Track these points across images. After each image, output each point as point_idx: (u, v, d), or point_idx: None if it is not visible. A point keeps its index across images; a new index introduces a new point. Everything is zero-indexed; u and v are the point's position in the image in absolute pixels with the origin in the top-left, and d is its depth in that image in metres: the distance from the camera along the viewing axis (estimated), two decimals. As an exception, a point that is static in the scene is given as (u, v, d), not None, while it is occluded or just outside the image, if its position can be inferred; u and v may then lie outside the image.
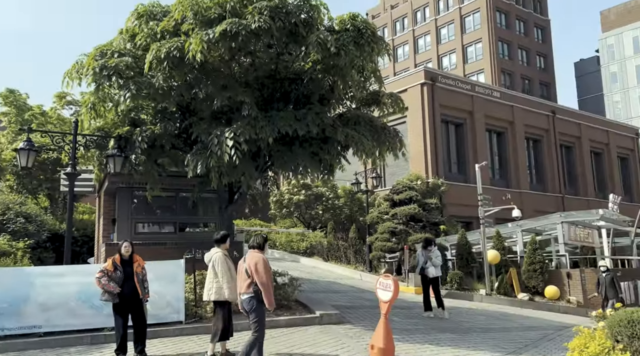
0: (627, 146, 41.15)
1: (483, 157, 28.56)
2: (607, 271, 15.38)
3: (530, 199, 30.80)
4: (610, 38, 60.82)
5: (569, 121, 36.24)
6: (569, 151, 36.79)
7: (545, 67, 60.59)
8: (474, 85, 31.52)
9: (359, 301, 13.85)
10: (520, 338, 10.49)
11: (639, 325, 4.43)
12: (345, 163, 11.33)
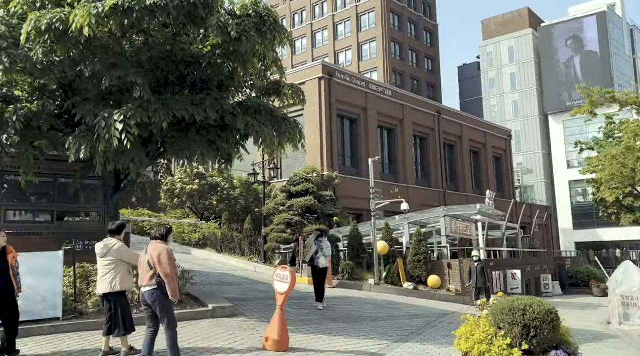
0: (501, 147, 44.95)
1: (375, 152, 29.61)
2: (478, 261, 16.45)
3: (416, 193, 32.51)
4: (490, 46, 65.93)
5: (452, 121, 38.75)
6: (452, 149, 39.36)
7: (433, 69, 64.25)
8: (368, 82, 32.52)
9: (253, 293, 13.70)
10: (407, 326, 11.00)
11: (519, 313, 4.77)
12: (244, 153, 11.07)
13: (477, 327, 5.07)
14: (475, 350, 4.85)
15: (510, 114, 62.02)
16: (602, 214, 34.37)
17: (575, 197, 55.48)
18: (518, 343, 4.71)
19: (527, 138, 60.25)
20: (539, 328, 4.70)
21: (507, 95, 63.07)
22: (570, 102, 56.41)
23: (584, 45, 58.43)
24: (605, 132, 32.26)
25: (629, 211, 31.38)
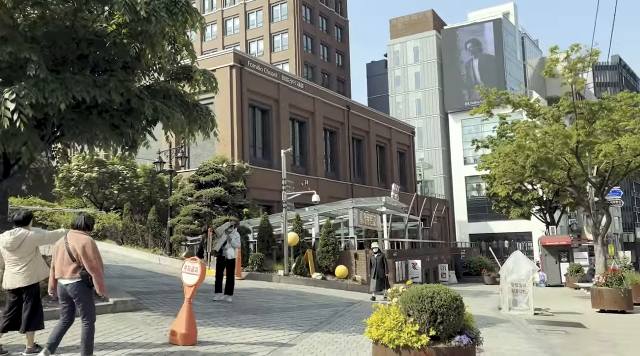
0: (405, 143, 46.84)
1: (286, 145, 29.62)
2: (378, 253, 16.48)
3: (325, 186, 32.98)
4: (397, 45, 68.33)
5: (361, 117, 39.73)
6: (360, 144, 40.38)
7: (343, 64, 65.45)
8: (280, 74, 32.40)
9: (158, 286, 13.17)
10: (316, 316, 11.12)
11: (427, 300, 4.95)
12: (150, 140, 10.55)
13: (388, 315, 5.20)
14: (386, 337, 4.97)
15: (414, 112, 64.76)
16: (494, 208, 36.96)
17: (471, 192, 59.23)
18: (426, 329, 4.89)
19: (428, 135, 63.28)
20: (445, 315, 4.90)
21: (412, 94, 65.77)
22: (469, 103, 59.94)
23: (482, 49, 62.29)
24: (499, 131, 34.64)
25: (518, 205, 34.04)
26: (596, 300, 14.21)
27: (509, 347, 8.07)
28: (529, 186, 32.02)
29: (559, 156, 19.43)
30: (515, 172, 20.79)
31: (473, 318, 5.29)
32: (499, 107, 20.92)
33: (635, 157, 17.80)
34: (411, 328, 4.89)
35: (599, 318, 12.65)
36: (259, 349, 7.49)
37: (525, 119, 27.86)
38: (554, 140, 17.84)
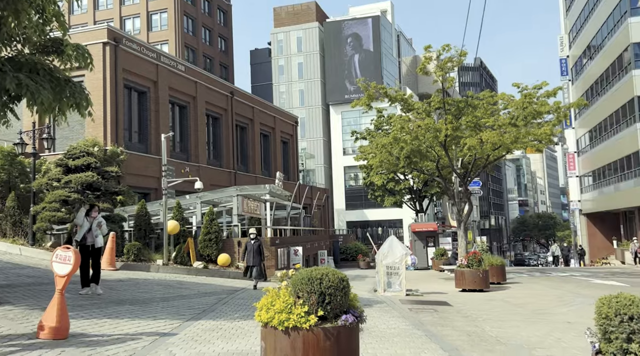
0: (288, 132, 47.30)
1: (165, 129, 28.41)
2: (255, 238, 15.31)
3: (207, 173, 32.25)
4: (281, 34, 68.54)
5: (245, 104, 39.34)
6: (243, 131, 40.00)
7: (226, 49, 64.15)
8: (159, 54, 30.91)
9: (20, 278, 12.01)
10: (199, 304, 10.90)
11: (316, 282, 5.09)
12: (12, 118, 9.52)
13: (278, 298, 5.27)
14: (275, 320, 5.03)
15: (297, 102, 65.55)
16: (370, 196, 38.87)
17: (349, 181, 61.63)
18: (315, 310, 5.03)
19: (310, 125, 64.52)
20: (333, 295, 5.08)
21: (295, 84, 66.47)
22: (349, 95, 62.08)
23: (361, 44, 64.69)
24: (376, 123, 36.40)
25: (391, 194, 36.15)
26: (459, 280, 15.62)
27: (385, 325, 8.59)
28: (401, 176, 34.07)
29: (429, 148, 20.91)
30: (391, 162, 22.00)
31: (357, 297, 5.55)
32: (377, 100, 21.94)
33: (494, 150, 19.76)
34: (300, 310, 5.00)
35: (461, 297, 13.92)
36: (139, 339, 7.19)
37: (400, 113, 29.63)
38: (425, 133, 19.16)
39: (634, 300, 3.70)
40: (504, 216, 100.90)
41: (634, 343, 3.53)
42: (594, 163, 45.20)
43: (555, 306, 11.71)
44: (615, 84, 38.36)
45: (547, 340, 7.73)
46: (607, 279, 19.08)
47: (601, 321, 3.77)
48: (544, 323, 9.38)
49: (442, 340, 7.62)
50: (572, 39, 51.77)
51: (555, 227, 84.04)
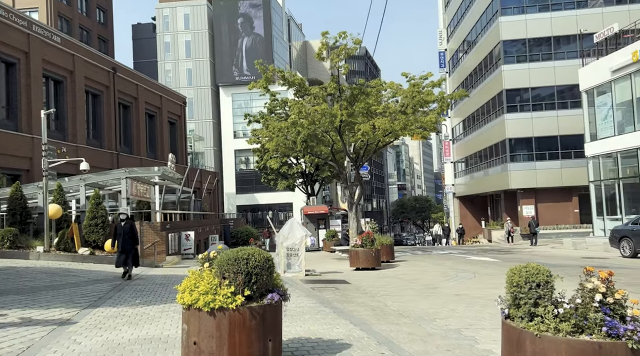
0: (176, 112, 45.55)
1: (38, 105, 26.01)
2: (126, 219, 13.59)
3: (87, 154, 30.02)
4: (166, 9, 65.33)
5: (128, 81, 37.11)
6: (127, 110, 37.78)
7: (105, 22, 59.79)
8: (31, 23, 28.06)
9: None
10: (93, 292, 10.28)
11: (243, 262, 5.09)
12: None
13: (201, 279, 5.18)
14: (200, 301, 4.95)
15: (184, 81, 63.17)
16: (263, 180, 38.82)
17: (239, 165, 60.94)
18: (241, 290, 5.03)
19: (199, 106, 62.62)
20: (259, 275, 5.11)
21: (182, 62, 63.95)
22: (239, 77, 61.15)
23: (252, 25, 63.82)
24: (269, 107, 36.30)
25: (284, 178, 36.45)
26: (353, 259, 16.30)
27: (294, 304, 8.77)
28: (294, 160, 34.47)
29: (324, 133, 21.38)
30: (287, 146, 22.17)
31: (280, 277, 5.63)
32: (274, 84, 21.92)
33: (385, 136, 20.74)
34: (227, 290, 4.97)
35: (357, 275, 14.56)
36: (34, 330, 6.65)
37: (293, 98, 29.85)
38: (321, 118, 19.55)
39: (540, 269, 4.19)
40: (384, 199, 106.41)
41: (540, 307, 4.01)
42: (467, 151, 49.23)
43: (441, 281, 12.71)
44: (487, 77, 41.94)
45: (443, 311, 8.41)
46: (480, 256, 21.06)
47: (512, 289, 4.21)
48: (436, 296, 10.17)
49: (350, 315, 7.97)
50: (450, 33, 55.52)
51: (430, 209, 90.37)
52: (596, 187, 29.76)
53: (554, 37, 38.02)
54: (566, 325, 3.82)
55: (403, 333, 6.78)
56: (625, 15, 34.00)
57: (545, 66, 37.82)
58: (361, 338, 6.41)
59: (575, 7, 37.93)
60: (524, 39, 38.55)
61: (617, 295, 3.90)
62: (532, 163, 37.52)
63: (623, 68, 26.94)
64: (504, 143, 38.60)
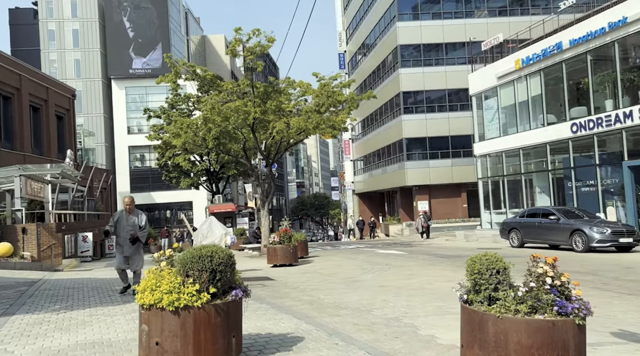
0: (64, 106, 42.26)
1: None
2: None
3: (-36, 149, 27.09)
4: (51, -5, 60.42)
5: (9, 70, 33.85)
6: (8, 102, 34.42)
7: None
8: None
9: None
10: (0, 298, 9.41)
11: (207, 259, 5.02)
12: None
13: (162, 279, 5.03)
14: (164, 300, 4.81)
15: (72, 73, 58.86)
16: (164, 178, 37.33)
17: (134, 162, 58.04)
18: (206, 287, 4.96)
19: (88, 100, 58.70)
20: (223, 272, 5.08)
21: (69, 52, 59.54)
22: (133, 70, 58.26)
23: (148, 16, 61.04)
24: (171, 102, 35.06)
25: (187, 175, 35.36)
26: (271, 256, 16.37)
27: (228, 302, 8.69)
28: (198, 157, 33.63)
29: (236, 130, 21.18)
30: (196, 143, 21.63)
31: (239, 273, 5.63)
32: (185, 78, 21.27)
33: (298, 135, 21.01)
34: (191, 288, 4.88)
35: (277, 272, 14.67)
36: (-48, 345, 6.00)
37: (197, 93, 29.10)
38: (234, 115, 19.35)
39: (498, 257, 4.63)
40: (284, 197, 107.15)
41: (500, 291, 4.45)
42: (366, 149, 51.18)
43: (361, 274, 13.23)
44: (385, 79, 43.91)
45: (377, 302, 8.82)
46: (388, 249, 22.10)
47: (473, 276, 4.60)
48: (364, 288, 10.60)
49: (290, 310, 8.08)
50: (349, 36, 57.26)
51: (329, 206, 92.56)
52: (484, 183, 32.41)
53: (445, 44, 40.75)
54: (524, 307, 4.28)
55: (348, 324, 7.04)
56: (507, 26, 37.36)
57: (438, 70, 40.43)
58: (310, 331, 6.57)
59: (464, 17, 40.93)
60: (419, 44, 40.90)
61: (563, 278, 4.43)
62: (426, 162, 39.96)
63: (507, 75, 29.61)
64: (401, 143, 40.70)
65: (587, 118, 24.26)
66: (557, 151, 26.77)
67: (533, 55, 27.29)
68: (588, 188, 24.86)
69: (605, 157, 24.10)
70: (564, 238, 18.01)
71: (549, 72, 26.80)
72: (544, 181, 28.01)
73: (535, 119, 28.05)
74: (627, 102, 22.62)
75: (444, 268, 14.04)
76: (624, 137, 22.47)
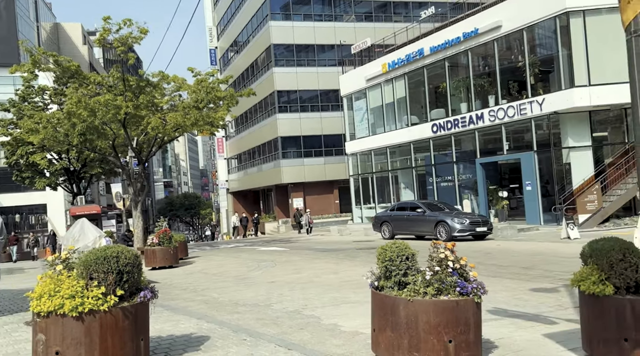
0: None
1: None
2: None
3: None
4: None
5: None
6: None
7: None
8: None
9: None
10: None
11: (113, 260, 4.70)
12: None
13: (62, 283, 4.60)
14: (66, 306, 4.40)
15: None
16: (16, 178, 33.46)
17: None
18: (112, 290, 4.65)
19: None
20: (130, 273, 4.80)
21: None
22: (-27, 57, 51.41)
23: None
24: (22, 94, 31.61)
25: (43, 175, 32.07)
26: (150, 258, 15.58)
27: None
28: (56, 155, 30.80)
29: (104, 126, 19.82)
30: (57, 140, 19.80)
31: (144, 274, 5.36)
32: (43, 68, 19.34)
33: (174, 131, 20.23)
34: (96, 292, 4.55)
35: (159, 274, 14.02)
36: None
37: (52, 85, 26.61)
38: (103, 109, 18.07)
39: (406, 245, 4.97)
40: (150, 197, 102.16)
41: (410, 276, 4.78)
42: (240, 148, 50.81)
43: (248, 272, 13.19)
44: (259, 78, 43.98)
45: (273, 297, 8.88)
46: (269, 246, 22.22)
47: (385, 263, 4.88)
48: (256, 285, 10.60)
49: (186, 311, 7.84)
50: (220, 32, 56.32)
51: (200, 206, 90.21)
52: (354, 180, 34.01)
53: (317, 45, 41.92)
54: (431, 289, 4.65)
55: (251, 320, 7.03)
56: (372, 31, 39.49)
57: (310, 71, 41.46)
58: (214, 329, 6.45)
59: (333, 20, 42.42)
60: (292, 44, 41.59)
61: (462, 261, 4.90)
62: (301, 160, 40.82)
63: (375, 77, 31.38)
64: (277, 141, 41.10)
65: (446, 119, 26.64)
66: (420, 149, 29.00)
67: (398, 60, 29.25)
68: (447, 183, 27.32)
69: (461, 155, 26.67)
70: (430, 229, 19.60)
71: (413, 76, 28.93)
72: (408, 177, 30.20)
73: (401, 120, 30.10)
74: (479, 105, 25.26)
75: (327, 261, 14.53)
76: (476, 137, 25.06)
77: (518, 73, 23.45)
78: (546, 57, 22.81)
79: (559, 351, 5.20)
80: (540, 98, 21.65)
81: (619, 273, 4.53)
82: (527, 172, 22.36)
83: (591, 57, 20.29)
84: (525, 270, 10.89)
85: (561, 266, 11.22)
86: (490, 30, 23.68)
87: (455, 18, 27.67)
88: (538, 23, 22.04)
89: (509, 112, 23.11)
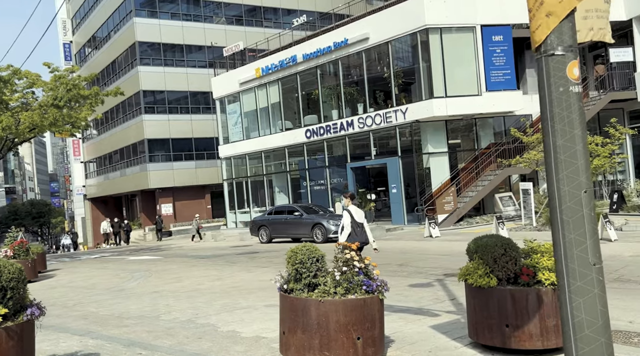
0: None
1: None
2: None
3: None
4: None
5: None
6: None
7: None
8: None
9: None
10: None
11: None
12: None
13: None
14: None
15: None
16: None
17: None
18: (-6, 310, 4.11)
19: None
20: (15, 289, 4.26)
21: None
22: None
23: None
24: None
25: None
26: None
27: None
28: None
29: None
30: None
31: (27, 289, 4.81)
32: None
33: (30, 131, 18.25)
34: (-25, 313, 3.98)
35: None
36: None
37: None
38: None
39: (316, 247, 5.06)
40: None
41: (320, 277, 4.88)
42: (101, 150, 47.31)
43: (122, 283, 12.36)
44: (123, 76, 41.41)
45: (160, 308, 8.43)
46: (139, 255, 20.98)
47: (296, 266, 4.92)
48: (136, 296, 9.97)
49: (64, 328, 7.14)
50: (76, 26, 52.07)
51: (51, 214, 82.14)
52: (228, 184, 33.58)
53: (186, 45, 40.66)
54: (340, 289, 4.81)
55: (142, 333, 6.63)
56: (243, 34, 39.38)
57: (179, 71, 40.06)
58: (102, 346, 5.99)
59: (203, 21, 41.48)
60: (159, 43, 39.85)
61: (366, 261, 5.13)
62: (170, 164, 39.20)
63: (249, 81, 31.32)
64: (143, 144, 39.02)
65: (318, 125, 27.46)
66: (294, 154, 29.53)
67: (272, 65, 29.51)
68: (319, 187, 28.15)
69: (333, 160, 27.68)
70: (307, 232, 20.05)
71: (286, 81, 29.38)
72: (283, 181, 30.58)
73: (275, 125, 30.39)
74: (349, 112, 26.45)
75: (207, 268, 14.17)
76: (347, 143, 26.20)
77: (384, 83, 25.00)
78: (409, 69, 24.63)
79: (449, 341, 5.67)
80: (404, 107, 23.30)
81: (501, 266, 5.08)
82: (392, 176, 23.89)
83: (447, 70, 22.34)
84: (400, 267, 11.65)
85: (429, 262, 12.21)
86: (359, 42, 24.93)
87: (326, 27, 28.69)
88: (401, 37, 23.70)
89: (376, 120, 24.51)
